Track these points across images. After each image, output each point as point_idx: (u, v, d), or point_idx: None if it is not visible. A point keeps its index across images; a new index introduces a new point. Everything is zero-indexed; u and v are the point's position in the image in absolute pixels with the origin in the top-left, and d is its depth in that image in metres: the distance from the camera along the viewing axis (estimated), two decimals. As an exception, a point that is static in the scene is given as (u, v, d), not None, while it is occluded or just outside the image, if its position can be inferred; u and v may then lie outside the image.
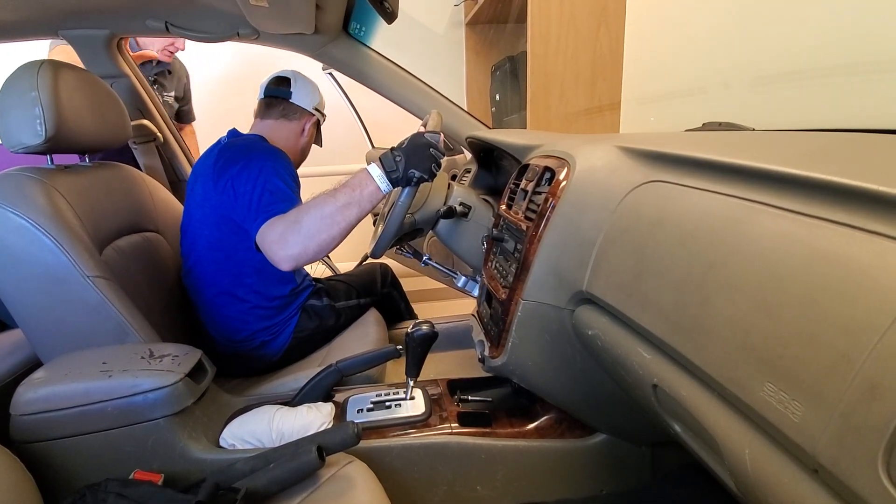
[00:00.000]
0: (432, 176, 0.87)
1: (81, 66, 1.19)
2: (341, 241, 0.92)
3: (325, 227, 0.89)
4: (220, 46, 1.23)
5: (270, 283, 1.12)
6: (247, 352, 1.13)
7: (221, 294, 1.09)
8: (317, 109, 1.23)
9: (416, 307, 1.55)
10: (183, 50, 1.67)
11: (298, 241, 0.89)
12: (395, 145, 0.88)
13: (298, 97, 1.18)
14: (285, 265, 0.91)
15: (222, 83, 2.32)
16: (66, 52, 1.31)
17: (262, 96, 1.20)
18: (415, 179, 0.86)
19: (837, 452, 0.27)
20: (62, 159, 0.96)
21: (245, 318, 1.11)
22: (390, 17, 1.11)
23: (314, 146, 1.32)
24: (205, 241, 1.08)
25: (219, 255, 1.08)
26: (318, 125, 1.27)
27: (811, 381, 0.29)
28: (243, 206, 0.98)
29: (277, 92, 1.18)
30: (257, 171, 1.00)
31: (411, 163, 0.85)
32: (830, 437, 0.27)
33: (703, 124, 0.85)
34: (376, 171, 0.88)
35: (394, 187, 0.89)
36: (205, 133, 1.66)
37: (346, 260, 2.19)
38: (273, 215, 0.94)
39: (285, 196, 0.98)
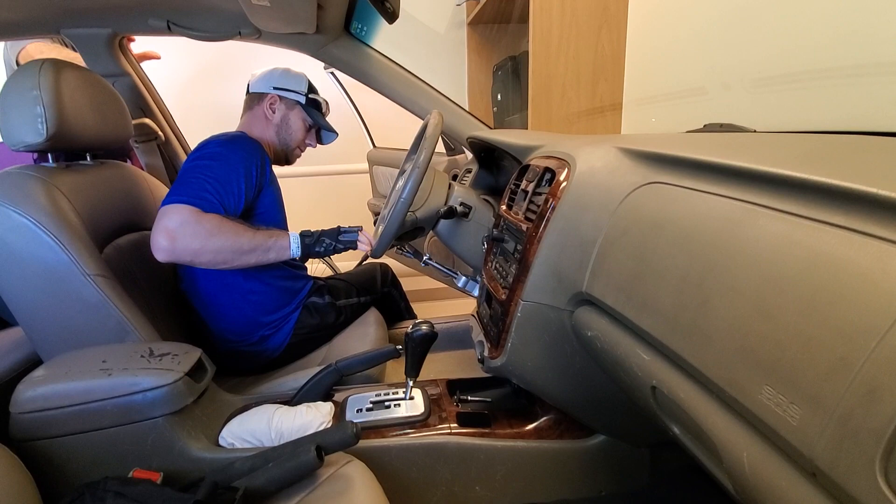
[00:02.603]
0: (335, 247, 1.05)
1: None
2: (222, 268, 0.99)
3: (223, 255, 0.95)
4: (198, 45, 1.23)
5: (255, 269, 1.10)
6: (247, 348, 1.13)
7: (215, 284, 1.09)
8: (278, 88, 1.20)
9: (415, 307, 1.55)
10: (158, 58, 1.50)
11: (197, 245, 0.92)
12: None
13: (255, 85, 1.21)
14: (163, 253, 0.91)
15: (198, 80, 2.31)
16: (38, 49, 1.31)
17: None
18: (323, 246, 1.03)
19: (835, 456, 0.27)
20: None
21: (240, 306, 1.11)
22: (391, 16, 1.11)
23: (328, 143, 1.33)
24: None
25: None
26: (300, 107, 1.22)
27: (809, 385, 0.29)
28: (179, 180, 0.99)
29: (247, 90, 1.23)
30: (209, 155, 1.02)
31: (325, 235, 1.04)
32: (828, 441, 0.27)
33: (705, 125, 0.85)
34: (294, 235, 1.03)
35: (302, 252, 1.02)
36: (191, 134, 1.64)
37: (346, 259, 2.19)
38: (181, 202, 0.93)
39: (204, 187, 0.96)
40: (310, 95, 1.23)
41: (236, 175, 1.01)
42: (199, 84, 2.31)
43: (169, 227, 0.91)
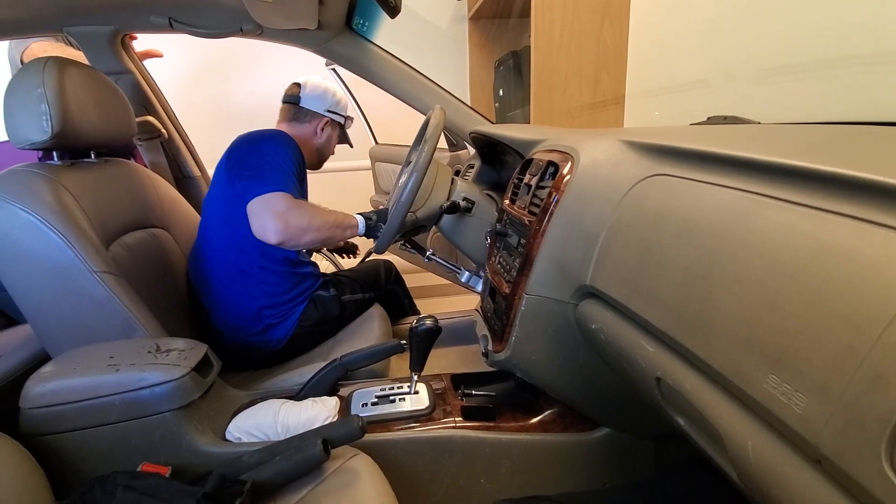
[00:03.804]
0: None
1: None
2: (318, 246, 1.10)
3: (322, 234, 1.05)
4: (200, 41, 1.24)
5: (270, 259, 1.16)
6: (252, 337, 1.14)
7: (228, 270, 1.13)
8: (331, 111, 1.29)
9: (419, 303, 1.55)
10: (161, 56, 1.52)
11: (304, 223, 1.03)
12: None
13: (308, 101, 1.26)
14: (277, 235, 1.00)
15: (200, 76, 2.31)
16: (42, 48, 1.32)
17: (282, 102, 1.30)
18: (380, 231, 1.08)
19: (840, 443, 0.27)
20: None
21: (253, 293, 1.14)
22: (393, 10, 1.11)
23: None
24: (214, 222, 1.15)
25: (225, 231, 1.13)
26: (340, 127, 1.34)
27: (815, 373, 0.29)
28: (246, 178, 1.06)
29: (289, 97, 1.28)
30: (266, 150, 1.09)
31: (381, 220, 1.10)
32: (834, 428, 0.28)
33: (708, 118, 0.85)
34: (359, 217, 1.11)
35: (365, 233, 1.10)
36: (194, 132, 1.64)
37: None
38: (277, 190, 1.02)
39: (286, 178, 1.06)
40: (349, 116, 1.34)
41: (292, 170, 1.11)
42: (201, 82, 2.31)
43: (277, 210, 1.01)
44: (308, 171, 1.32)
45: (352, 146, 1.42)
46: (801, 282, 0.32)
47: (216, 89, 2.33)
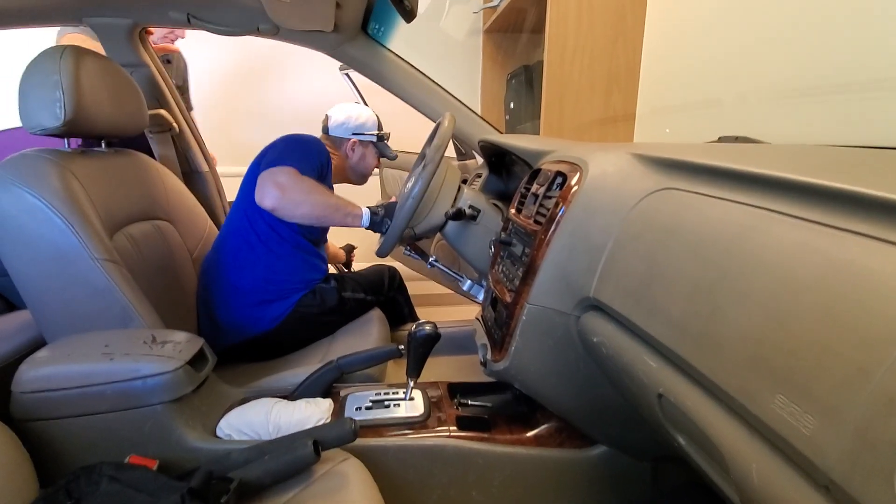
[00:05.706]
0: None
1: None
2: (313, 223, 1.17)
3: (318, 210, 1.10)
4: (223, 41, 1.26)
5: (279, 234, 1.19)
6: (246, 309, 1.15)
7: (238, 238, 1.19)
8: (356, 133, 1.36)
9: (420, 311, 1.54)
10: (183, 38, 1.67)
11: (300, 197, 1.08)
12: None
13: (334, 129, 1.36)
14: (273, 201, 1.06)
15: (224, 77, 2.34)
16: (76, 39, 1.34)
17: None
18: (386, 226, 1.11)
19: (850, 468, 0.26)
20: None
21: (256, 262, 1.18)
22: (409, 15, 1.11)
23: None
24: (238, 200, 1.22)
25: (242, 203, 1.20)
26: (373, 143, 1.40)
27: (825, 394, 0.28)
28: (268, 157, 1.13)
29: (322, 128, 1.39)
30: (295, 142, 1.18)
31: (387, 216, 1.13)
32: (844, 453, 0.26)
33: (719, 138, 0.85)
34: (366, 209, 1.14)
35: (370, 224, 1.13)
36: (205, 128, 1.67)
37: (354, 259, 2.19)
38: (287, 165, 1.09)
39: (301, 161, 1.14)
40: (379, 133, 1.41)
41: (313, 162, 1.18)
42: (216, 81, 2.34)
43: (279, 181, 1.08)
44: (354, 185, 1.45)
45: (394, 158, 1.48)
46: (811, 299, 0.31)
47: (231, 89, 2.35)
